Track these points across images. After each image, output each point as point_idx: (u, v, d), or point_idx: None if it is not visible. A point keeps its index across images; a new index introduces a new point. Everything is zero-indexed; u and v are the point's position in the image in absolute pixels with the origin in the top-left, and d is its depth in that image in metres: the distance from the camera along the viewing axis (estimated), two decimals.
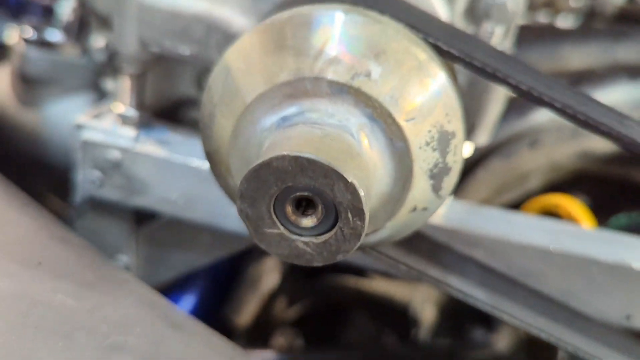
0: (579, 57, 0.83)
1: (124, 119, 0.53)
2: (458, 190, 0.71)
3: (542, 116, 0.72)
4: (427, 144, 0.33)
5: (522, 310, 0.45)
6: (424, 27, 0.36)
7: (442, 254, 0.46)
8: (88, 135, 0.53)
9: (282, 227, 0.31)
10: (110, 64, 0.58)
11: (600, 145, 0.76)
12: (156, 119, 0.56)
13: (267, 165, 0.29)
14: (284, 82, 0.32)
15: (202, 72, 0.56)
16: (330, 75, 0.32)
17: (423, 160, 0.33)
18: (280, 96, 0.33)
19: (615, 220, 0.73)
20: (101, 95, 0.64)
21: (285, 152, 0.29)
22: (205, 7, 0.48)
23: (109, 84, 0.59)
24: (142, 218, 0.59)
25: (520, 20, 0.51)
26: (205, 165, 0.52)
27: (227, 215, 0.53)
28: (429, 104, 0.33)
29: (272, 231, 0.31)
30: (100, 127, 0.53)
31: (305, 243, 0.31)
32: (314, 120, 0.32)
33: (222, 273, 0.82)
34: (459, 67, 0.38)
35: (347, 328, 0.80)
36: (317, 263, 0.31)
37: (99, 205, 0.57)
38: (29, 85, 0.65)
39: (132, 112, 0.53)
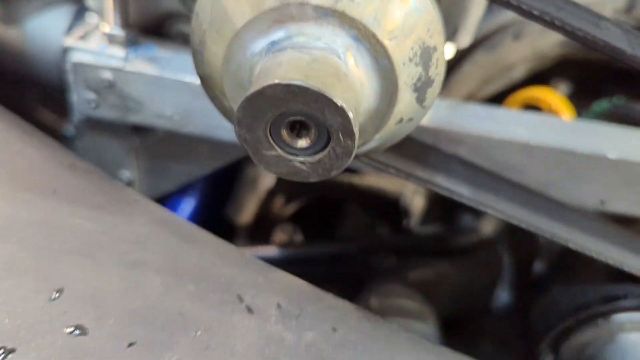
0: None
1: (111, 38, 0.54)
2: (444, 84, 0.72)
3: None
4: (410, 60, 0.35)
5: (504, 203, 0.49)
6: None
7: (428, 154, 0.49)
8: (78, 57, 0.54)
9: (279, 149, 0.33)
10: None
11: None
12: (142, 35, 0.56)
13: (260, 93, 0.31)
14: (271, 7, 0.33)
15: None
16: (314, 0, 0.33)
17: (407, 75, 0.35)
18: (268, 22, 0.34)
19: (597, 105, 0.76)
20: (81, 5, 0.63)
21: (277, 81, 0.30)
22: None
23: (90, 0, 0.58)
24: (140, 132, 0.61)
25: None
26: (197, 80, 0.53)
27: (223, 127, 0.55)
28: (411, 21, 0.34)
29: (270, 153, 0.33)
30: (89, 49, 0.54)
31: (302, 162, 0.33)
32: (302, 44, 0.33)
33: (221, 175, 0.85)
34: None
35: (342, 221, 0.85)
36: (313, 179, 0.34)
37: (96, 125, 0.59)
38: (7, 1, 0.64)
39: (119, 31, 0.53)
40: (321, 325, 0.36)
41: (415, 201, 0.76)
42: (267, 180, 0.87)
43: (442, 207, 0.80)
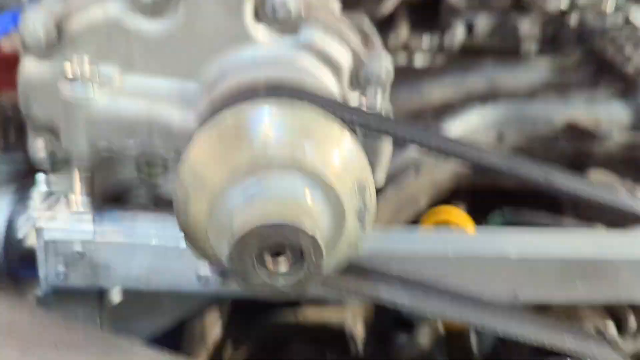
0: (438, 91, 1.01)
1: (80, 217, 0.61)
2: None
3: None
4: (352, 193, 0.45)
5: (438, 305, 0.59)
6: (329, 107, 0.49)
7: (369, 275, 0.59)
8: (49, 235, 0.60)
9: (264, 277, 0.41)
10: (51, 163, 0.64)
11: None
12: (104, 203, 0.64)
13: (249, 234, 0.40)
14: (245, 165, 0.43)
15: (139, 158, 0.65)
16: (277, 155, 0.43)
17: (351, 205, 0.45)
18: (243, 176, 0.43)
19: (492, 218, 0.90)
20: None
21: (260, 223, 0.39)
22: (146, 107, 0.57)
23: (50, 179, 0.65)
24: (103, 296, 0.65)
25: None
26: (160, 242, 0.61)
27: (185, 279, 0.62)
28: (348, 166, 0.45)
29: (257, 280, 0.41)
30: (59, 227, 0.60)
31: (282, 283, 0.42)
32: (269, 194, 0.43)
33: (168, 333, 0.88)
34: None
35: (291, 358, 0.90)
36: (293, 295, 0.42)
37: (63, 293, 0.63)
38: None
39: (87, 209, 0.61)
40: None
41: (357, 327, 0.84)
42: (214, 331, 0.91)
43: (379, 329, 0.88)
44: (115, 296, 0.66)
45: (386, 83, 0.63)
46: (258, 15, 0.60)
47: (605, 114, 0.95)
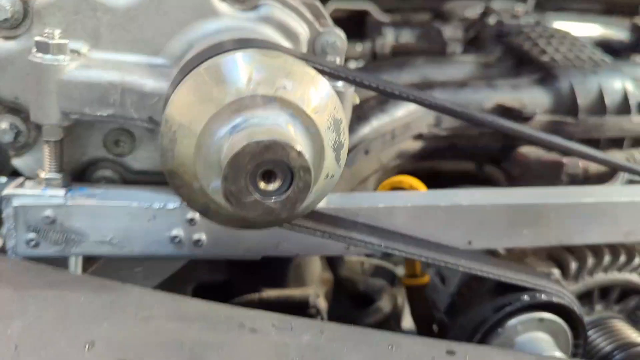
0: None
1: (49, 182, 0.61)
2: None
3: (368, 128, 0.94)
4: (328, 127, 0.49)
5: (407, 248, 0.63)
6: (306, 57, 0.53)
7: (340, 222, 0.63)
8: (19, 201, 0.60)
9: (256, 195, 0.44)
10: (16, 143, 0.64)
11: (411, 145, 1.01)
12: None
13: (242, 151, 0.43)
14: (230, 102, 0.46)
15: (107, 134, 0.66)
16: (260, 91, 0.47)
17: (328, 139, 0.49)
18: (229, 112, 0.46)
19: None
20: None
21: (252, 140, 0.43)
22: (118, 75, 0.59)
23: (17, 161, 0.65)
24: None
25: None
26: (134, 203, 0.62)
27: (160, 242, 0.63)
28: (324, 101, 0.50)
29: (249, 199, 0.44)
30: (30, 193, 0.60)
31: (274, 202, 0.45)
32: (256, 123, 0.46)
33: None
34: None
35: None
36: (284, 215, 0.45)
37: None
38: None
39: (56, 175, 0.61)
40: (311, 330, 0.44)
41: (319, 299, 0.87)
42: None
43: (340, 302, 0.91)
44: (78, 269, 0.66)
45: (342, 51, 0.69)
46: None
47: (528, 98, 1.05)
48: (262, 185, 0.44)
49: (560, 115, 1.05)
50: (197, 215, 0.63)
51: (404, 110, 0.99)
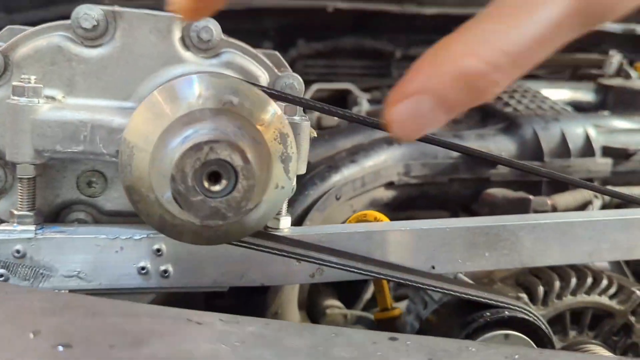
0: (350, 141, 1.13)
1: (21, 219, 0.64)
2: None
3: (339, 176, 0.98)
4: (274, 139, 0.53)
5: (373, 269, 0.65)
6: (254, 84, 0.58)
7: (307, 246, 0.65)
8: None
9: (202, 195, 0.47)
10: None
11: (384, 194, 1.04)
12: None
13: (188, 151, 0.46)
14: (181, 115, 0.51)
15: (80, 176, 0.70)
16: (209, 105, 0.51)
17: (275, 149, 0.53)
18: (179, 125, 0.51)
19: None
20: None
21: (198, 140, 0.46)
22: (89, 115, 0.64)
23: None
24: None
25: None
26: (102, 235, 0.65)
27: (128, 275, 0.65)
28: (270, 116, 0.54)
29: (196, 199, 0.47)
30: (1, 229, 0.63)
31: (219, 202, 0.48)
32: (205, 133, 0.50)
33: None
34: None
35: None
36: (230, 215, 0.48)
37: None
38: None
39: (29, 212, 0.64)
40: (257, 323, 0.46)
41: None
42: None
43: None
44: None
45: (300, 92, 0.74)
46: (184, 41, 0.70)
47: (494, 146, 1.10)
48: (207, 185, 0.47)
49: (526, 160, 1.10)
50: (163, 246, 0.65)
51: (374, 160, 1.03)
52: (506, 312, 0.67)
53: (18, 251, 0.62)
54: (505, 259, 0.74)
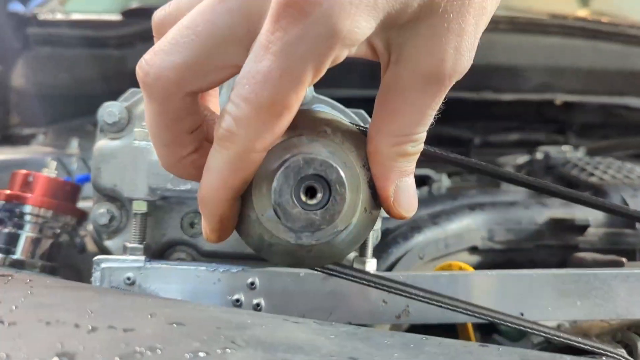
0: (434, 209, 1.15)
1: (133, 251, 0.71)
2: None
3: (422, 237, 0.99)
4: (363, 166, 0.58)
5: (465, 307, 0.65)
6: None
7: (398, 283, 0.67)
8: (106, 264, 0.69)
9: (300, 207, 0.52)
10: (109, 227, 0.76)
11: (467, 259, 1.04)
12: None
13: (287, 168, 0.51)
14: (281, 142, 0.56)
15: (184, 217, 0.77)
16: (305, 134, 0.57)
17: (363, 175, 0.57)
18: (280, 150, 0.56)
19: None
20: None
21: (296, 158, 0.52)
22: None
23: (108, 242, 0.76)
24: None
25: None
26: (202, 267, 0.70)
27: (223, 305, 0.69)
28: (359, 144, 0.59)
29: (294, 210, 0.52)
30: (115, 258, 0.70)
31: (315, 213, 0.52)
32: (302, 154, 0.56)
33: None
34: None
35: None
36: (323, 226, 0.52)
37: None
38: None
39: (140, 245, 0.71)
40: (349, 326, 0.47)
41: None
42: None
43: None
44: None
45: None
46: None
47: (580, 213, 1.08)
48: (304, 199, 0.52)
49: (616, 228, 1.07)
50: (257, 279, 0.69)
51: (456, 224, 1.05)
52: (604, 358, 0.64)
53: (129, 278, 0.69)
54: (599, 309, 0.72)
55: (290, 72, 0.42)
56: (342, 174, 0.52)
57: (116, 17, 1.77)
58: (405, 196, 0.57)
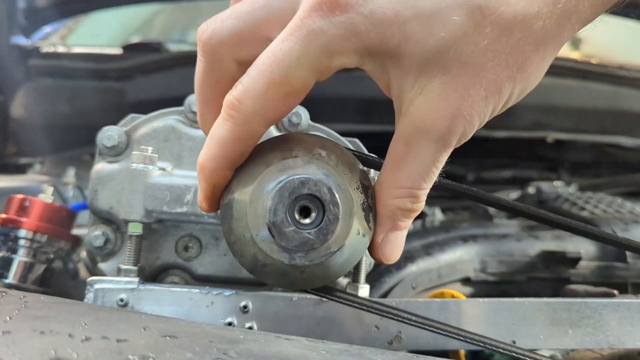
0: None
1: (127, 272, 0.71)
2: None
3: (415, 267, 1.00)
4: (357, 188, 0.59)
5: (457, 333, 0.65)
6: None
7: (391, 308, 0.67)
8: (99, 285, 0.69)
9: (294, 226, 0.53)
10: (104, 250, 0.77)
11: (459, 289, 1.05)
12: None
13: (281, 188, 0.53)
14: (276, 163, 0.58)
15: (179, 240, 0.77)
16: (301, 155, 0.58)
17: (357, 197, 0.58)
18: (275, 171, 0.57)
19: None
20: None
21: (292, 177, 0.53)
22: (192, 181, 0.73)
23: (102, 265, 0.77)
24: None
25: None
26: (195, 290, 0.70)
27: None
28: (353, 168, 0.60)
29: (289, 229, 0.53)
30: (108, 279, 0.70)
31: (309, 232, 0.53)
32: (297, 175, 0.57)
33: None
34: None
35: None
36: (317, 246, 0.53)
37: None
38: None
39: (134, 267, 0.71)
40: (341, 344, 0.48)
41: None
42: None
43: None
44: None
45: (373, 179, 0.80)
46: (277, 124, 0.80)
47: (572, 247, 1.09)
48: (298, 218, 0.53)
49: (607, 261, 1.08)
50: (250, 303, 0.70)
51: (449, 255, 1.05)
52: None
53: (122, 299, 0.69)
54: (590, 339, 0.73)
55: (306, 56, 0.46)
56: (335, 194, 0.53)
57: (117, 50, 1.81)
58: (390, 247, 0.58)
